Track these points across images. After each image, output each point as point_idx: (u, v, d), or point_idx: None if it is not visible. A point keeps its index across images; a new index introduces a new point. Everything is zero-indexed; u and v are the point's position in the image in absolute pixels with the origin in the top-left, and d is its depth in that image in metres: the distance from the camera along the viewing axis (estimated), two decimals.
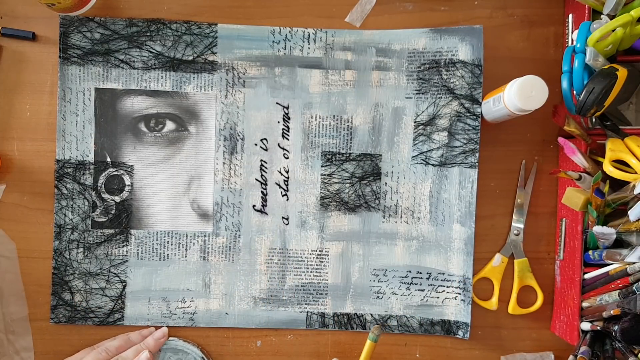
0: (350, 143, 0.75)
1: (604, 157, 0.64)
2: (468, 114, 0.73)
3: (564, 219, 0.73)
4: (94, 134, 0.74)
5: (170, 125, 0.74)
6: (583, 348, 0.65)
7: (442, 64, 0.74)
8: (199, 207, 0.75)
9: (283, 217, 0.75)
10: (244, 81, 0.74)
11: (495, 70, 0.74)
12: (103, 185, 0.74)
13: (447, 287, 0.74)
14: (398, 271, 0.75)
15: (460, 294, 0.74)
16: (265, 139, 0.75)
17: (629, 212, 0.62)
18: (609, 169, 0.62)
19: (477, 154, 0.73)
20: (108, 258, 0.74)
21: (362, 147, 0.75)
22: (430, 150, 0.74)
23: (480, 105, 0.72)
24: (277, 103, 0.75)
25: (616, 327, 0.60)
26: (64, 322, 0.74)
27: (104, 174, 0.74)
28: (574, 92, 0.64)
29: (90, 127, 0.74)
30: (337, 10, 0.75)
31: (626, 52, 0.67)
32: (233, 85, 0.74)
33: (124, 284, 0.74)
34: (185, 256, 0.75)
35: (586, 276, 0.68)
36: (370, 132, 0.75)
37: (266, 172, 0.75)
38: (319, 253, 0.75)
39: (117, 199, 0.74)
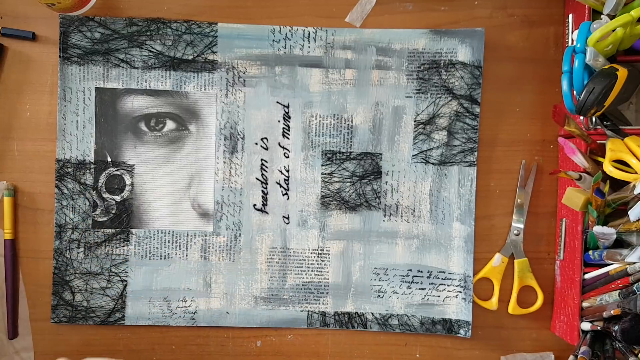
0: (351, 142, 0.75)
1: (604, 157, 0.64)
2: (467, 114, 0.73)
3: (564, 219, 0.73)
4: (95, 133, 0.74)
5: (170, 125, 0.74)
6: (583, 348, 0.65)
7: (442, 64, 0.74)
8: (200, 206, 0.75)
9: (284, 216, 0.75)
10: (244, 80, 0.74)
11: (495, 70, 0.74)
12: (103, 185, 0.74)
13: (448, 285, 0.74)
14: (399, 270, 0.75)
15: (461, 292, 0.74)
16: (266, 138, 0.75)
17: (629, 212, 0.62)
18: (609, 169, 0.62)
19: (475, 153, 0.74)
20: (109, 257, 0.74)
21: (362, 146, 0.75)
22: (430, 149, 0.74)
23: (479, 105, 0.73)
24: (277, 102, 0.75)
25: (616, 327, 0.60)
26: (65, 322, 0.74)
27: (104, 174, 0.74)
28: (574, 92, 0.64)
29: (91, 127, 0.74)
30: (337, 10, 0.75)
31: (626, 52, 0.67)
32: (233, 84, 0.74)
33: (124, 283, 0.74)
34: (186, 255, 0.75)
35: (586, 276, 0.68)
36: (370, 131, 0.75)
37: (267, 171, 0.75)
38: (320, 252, 0.75)
39: (118, 198, 0.74)
